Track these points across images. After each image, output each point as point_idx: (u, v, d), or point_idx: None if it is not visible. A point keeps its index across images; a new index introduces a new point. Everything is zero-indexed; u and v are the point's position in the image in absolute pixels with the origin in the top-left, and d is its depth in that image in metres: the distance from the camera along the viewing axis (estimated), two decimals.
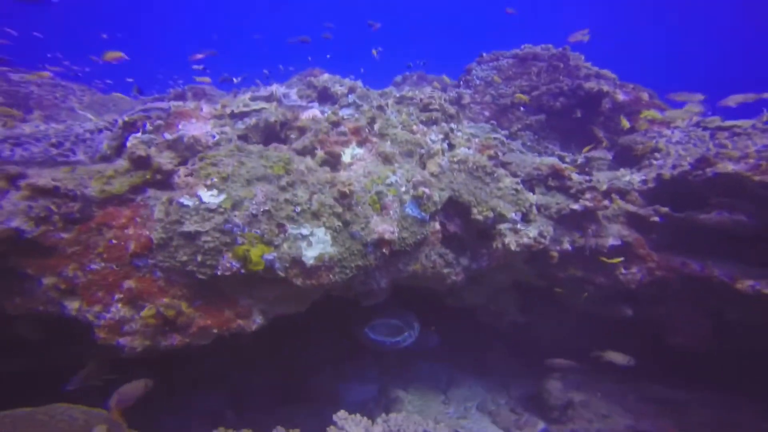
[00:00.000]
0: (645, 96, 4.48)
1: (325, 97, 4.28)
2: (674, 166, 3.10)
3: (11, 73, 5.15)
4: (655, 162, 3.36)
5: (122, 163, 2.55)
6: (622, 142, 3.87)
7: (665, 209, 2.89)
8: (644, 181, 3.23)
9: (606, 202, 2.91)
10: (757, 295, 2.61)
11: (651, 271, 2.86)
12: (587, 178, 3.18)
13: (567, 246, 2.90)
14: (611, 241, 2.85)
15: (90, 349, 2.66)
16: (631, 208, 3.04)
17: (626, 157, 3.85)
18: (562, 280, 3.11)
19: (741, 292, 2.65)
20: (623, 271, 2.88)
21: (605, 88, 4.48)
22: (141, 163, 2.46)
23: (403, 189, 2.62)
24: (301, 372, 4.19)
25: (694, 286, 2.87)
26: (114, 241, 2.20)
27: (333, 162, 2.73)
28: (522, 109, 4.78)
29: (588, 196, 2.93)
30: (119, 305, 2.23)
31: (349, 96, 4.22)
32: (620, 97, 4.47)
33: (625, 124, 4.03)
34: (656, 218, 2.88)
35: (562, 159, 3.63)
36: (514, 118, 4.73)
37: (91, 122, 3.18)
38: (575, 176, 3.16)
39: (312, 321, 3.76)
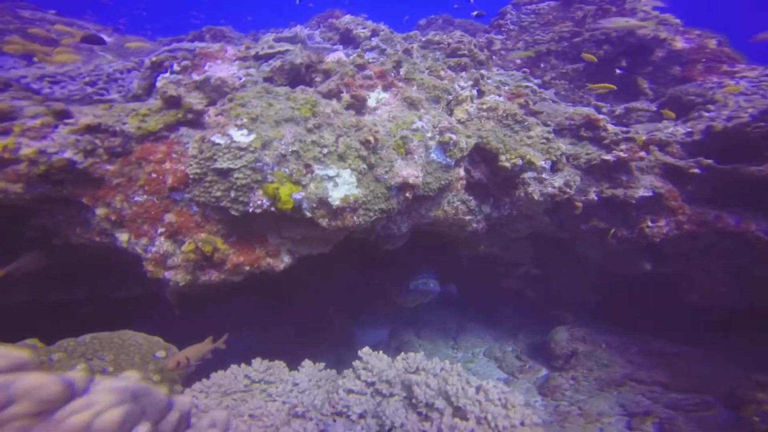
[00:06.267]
0: (712, 43, 4.00)
1: (347, 39, 4.10)
2: (729, 118, 2.85)
3: (19, 9, 5.10)
4: (706, 114, 3.09)
5: (155, 101, 2.62)
6: (671, 93, 3.56)
7: (709, 161, 2.72)
8: (689, 134, 3.02)
9: (642, 153, 2.76)
10: None
11: (680, 225, 2.78)
12: (624, 128, 3.00)
13: (593, 196, 2.83)
14: (642, 192, 2.75)
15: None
16: (669, 159, 2.88)
17: (673, 110, 3.56)
18: (584, 232, 3.08)
19: None
20: (650, 223, 2.80)
21: (662, 34, 4.03)
22: (173, 102, 2.52)
23: (429, 134, 2.58)
24: (318, 315, 4.48)
25: (725, 241, 2.79)
26: (153, 175, 2.33)
27: (358, 106, 2.70)
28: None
29: (623, 146, 2.79)
30: (162, 239, 2.41)
31: (373, 39, 4.03)
32: (679, 44, 4.03)
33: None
34: (696, 170, 2.72)
35: (598, 109, 3.41)
36: (548, 67, 4.40)
37: (118, 62, 3.23)
38: (611, 126, 2.99)
39: (332, 267, 3.95)
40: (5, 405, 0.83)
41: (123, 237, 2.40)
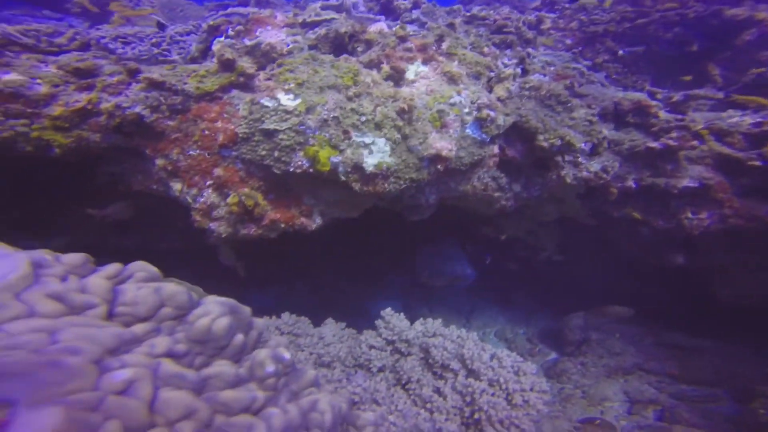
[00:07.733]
0: None
1: (387, 10, 4.08)
2: None
3: None
4: None
5: (211, 64, 2.83)
6: (746, 80, 3.23)
7: None
8: (758, 124, 2.75)
9: (695, 143, 2.60)
10: None
11: (724, 218, 2.62)
12: (679, 116, 2.81)
13: (631, 183, 2.73)
14: (686, 182, 2.60)
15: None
16: (725, 150, 2.68)
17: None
18: (615, 220, 2.98)
19: None
20: (690, 215, 2.66)
21: (760, 15, 3.62)
22: (227, 65, 2.70)
23: (467, 110, 2.60)
24: (334, 286, 4.72)
25: None
26: (207, 132, 2.56)
27: (397, 77, 2.75)
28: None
29: (674, 134, 2.64)
30: (210, 190, 2.66)
31: (414, 11, 3.99)
32: None
33: None
34: (757, 162, 2.51)
35: (652, 95, 3.19)
36: (602, 48, 4.14)
37: (178, 25, 3.49)
38: (663, 113, 2.82)
39: (355, 242, 4.13)
40: (161, 306, 1.09)
41: (177, 186, 2.68)
